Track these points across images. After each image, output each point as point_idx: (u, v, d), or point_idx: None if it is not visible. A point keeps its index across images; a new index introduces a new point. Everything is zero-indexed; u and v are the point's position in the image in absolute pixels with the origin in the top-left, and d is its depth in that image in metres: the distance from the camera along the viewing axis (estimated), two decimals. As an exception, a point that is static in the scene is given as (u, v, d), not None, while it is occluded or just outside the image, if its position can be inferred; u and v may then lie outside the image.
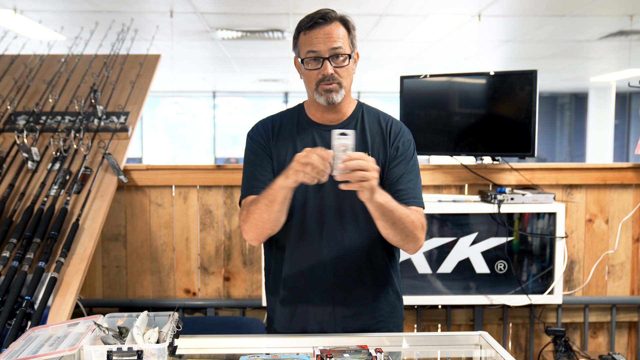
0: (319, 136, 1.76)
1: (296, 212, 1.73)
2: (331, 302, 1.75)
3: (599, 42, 6.81)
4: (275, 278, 1.82)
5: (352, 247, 1.74)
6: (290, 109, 1.87)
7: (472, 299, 2.71)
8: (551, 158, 13.22)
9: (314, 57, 1.66)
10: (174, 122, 13.80)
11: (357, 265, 1.75)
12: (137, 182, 2.83)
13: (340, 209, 1.73)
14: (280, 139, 1.78)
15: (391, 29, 6.13)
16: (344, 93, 1.70)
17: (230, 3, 5.16)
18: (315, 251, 1.74)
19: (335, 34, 1.65)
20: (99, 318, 1.52)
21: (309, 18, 1.67)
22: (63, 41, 5.87)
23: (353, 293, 1.76)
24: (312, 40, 1.65)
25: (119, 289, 2.92)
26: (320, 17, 1.65)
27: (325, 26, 1.65)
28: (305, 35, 1.67)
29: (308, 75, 1.69)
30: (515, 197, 2.66)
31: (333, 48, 1.64)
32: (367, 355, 1.49)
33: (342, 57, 1.66)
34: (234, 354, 1.52)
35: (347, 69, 1.68)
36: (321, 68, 1.65)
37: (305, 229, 1.74)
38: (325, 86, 1.67)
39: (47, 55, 3.16)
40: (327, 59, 1.64)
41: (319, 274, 1.74)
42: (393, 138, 1.78)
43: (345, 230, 1.73)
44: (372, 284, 1.78)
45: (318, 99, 1.70)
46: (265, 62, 8.65)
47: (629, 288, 2.95)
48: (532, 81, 2.67)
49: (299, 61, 1.71)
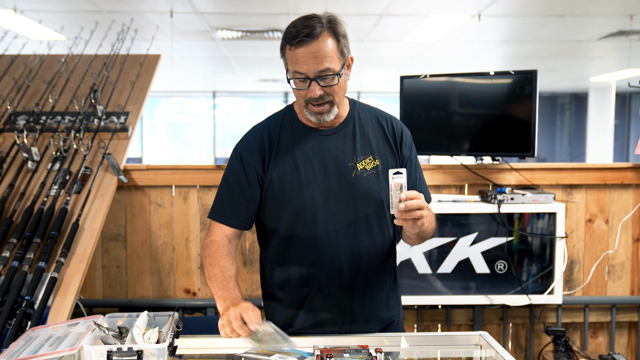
0: (318, 143, 1.70)
1: (305, 225, 1.68)
2: (348, 309, 1.73)
3: (599, 42, 6.81)
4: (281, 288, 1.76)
5: (367, 254, 1.71)
6: (279, 113, 1.77)
7: (472, 299, 2.71)
8: (551, 158, 13.21)
9: (301, 79, 1.58)
10: (174, 122, 13.80)
11: (373, 270, 1.74)
12: (137, 182, 2.83)
13: (353, 219, 1.69)
14: (279, 153, 1.69)
15: (391, 29, 6.13)
16: (337, 110, 1.64)
17: (230, 3, 5.16)
18: (331, 262, 1.69)
19: (322, 53, 1.54)
20: (99, 318, 1.52)
21: (296, 31, 1.55)
22: (63, 41, 5.87)
23: (369, 298, 1.75)
24: (298, 60, 1.55)
25: (119, 289, 2.92)
26: (306, 34, 1.53)
27: (311, 43, 1.54)
28: (292, 52, 1.57)
29: (296, 93, 1.63)
30: (515, 197, 2.66)
31: (320, 71, 1.55)
32: (367, 355, 1.49)
33: (331, 77, 1.57)
34: (233, 354, 1.52)
35: (337, 85, 1.60)
36: (309, 89, 1.58)
37: (318, 242, 1.68)
38: (315, 108, 1.61)
39: (47, 55, 3.16)
40: (314, 79, 1.56)
41: (336, 283, 1.71)
42: (399, 140, 1.76)
43: (359, 238, 1.70)
44: (385, 287, 1.78)
45: (309, 117, 1.64)
46: (265, 62, 8.65)
47: (629, 288, 2.95)
48: (532, 81, 2.67)
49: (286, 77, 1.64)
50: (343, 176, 1.68)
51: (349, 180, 1.68)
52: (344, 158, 1.69)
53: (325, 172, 1.68)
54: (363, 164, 1.69)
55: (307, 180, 1.67)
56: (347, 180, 1.68)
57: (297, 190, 1.67)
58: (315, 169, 1.68)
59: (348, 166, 1.69)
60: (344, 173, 1.68)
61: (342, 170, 1.68)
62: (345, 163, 1.69)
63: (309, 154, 1.68)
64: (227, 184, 1.74)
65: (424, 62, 8.45)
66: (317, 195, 1.67)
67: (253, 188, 1.70)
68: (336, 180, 1.68)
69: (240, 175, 1.71)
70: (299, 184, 1.67)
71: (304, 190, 1.66)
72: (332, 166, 1.68)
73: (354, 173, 1.68)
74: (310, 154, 1.68)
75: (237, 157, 1.73)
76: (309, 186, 1.67)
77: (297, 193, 1.67)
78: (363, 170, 1.69)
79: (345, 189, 1.68)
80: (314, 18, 1.57)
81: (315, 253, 1.69)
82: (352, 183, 1.68)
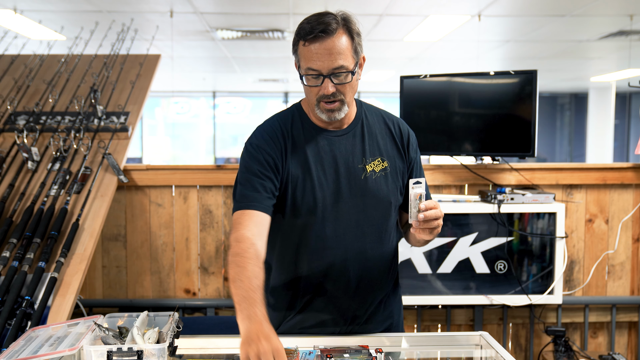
0: (328, 144, 1.68)
1: (314, 226, 1.67)
2: (351, 310, 1.73)
3: (599, 42, 6.81)
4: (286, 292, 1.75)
5: (374, 256, 1.71)
6: (288, 111, 1.75)
7: (472, 299, 2.71)
8: (551, 158, 13.21)
9: (314, 75, 1.56)
10: (174, 122, 13.79)
11: (379, 273, 1.74)
12: (137, 182, 2.83)
13: (361, 221, 1.68)
14: (294, 151, 1.67)
15: (391, 29, 6.13)
16: (347, 109, 1.63)
17: (230, 3, 5.16)
18: (338, 264, 1.69)
19: (337, 49, 1.53)
20: (99, 318, 1.52)
21: (310, 27, 1.53)
22: (63, 41, 5.87)
23: (373, 300, 1.75)
24: (312, 56, 1.54)
25: (119, 289, 2.92)
26: (322, 30, 1.52)
27: (326, 40, 1.52)
28: (305, 48, 1.55)
29: (308, 90, 1.61)
30: (515, 197, 2.66)
31: (334, 68, 1.54)
32: (367, 355, 1.49)
33: (345, 74, 1.56)
34: (233, 354, 1.52)
35: (349, 84, 1.58)
36: (322, 86, 1.56)
37: (325, 243, 1.67)
38: (327, 105, 1.60)
39: (47, 55, 3.16)
40: (327, 76, 1.55)
41: (342, 285, 1.70)
42: (406, 142, 1.75)
43: (367, 240, 1.69)
44: (388, 289, 1.79)
45: (320, 115, 1.63)
46: (265, 62, 8.65)
47: (629, 288, 2.95)
48: (532, 81, 2.67)
49: (299, 74, 1.62)
50: (353, 178, 1.67)
51: (359, 182, 1.67)
52: (353, 160, 1.68)
53: (336, 173, 1.67)
54: (372, 166, 1.69)
55: (318, 181, 1.66)
56: (356, 182, 1.67)
57: (309, 190, 1.65)
58: (326, 170, 1.67)
59: (358, 168, 1.68)
60: (354, 175, 1.67)
61: (352, 172, 1.67)
62: (355, 165, 1.68)
63: (320, 155, 1.67)
64: (248, 173, 1.63)
65: (424, 62, 8.45)
66: (328, 196, 1.66)
67: (274, 173, 1.64)
68: (346, 181, 1.67)
69: (261, 163, 1.63)
70: (311, 185, 1.66)
71: (316, 191, 1.65)
72: (343, 168, 1.67)
73: (364, 175, 1.68)
74: (322, 154, 1.67)
75: (253, 148, 1.66)
76: (320, 187, 1.66)
77: (309, 193, 1.65)
78: (372, 172, 1.69)
79: (354, 190, 1.67)
80: (329, 15, 1.56)
81: (322, 254, 1.68)
82: (362, 185, 1.67)
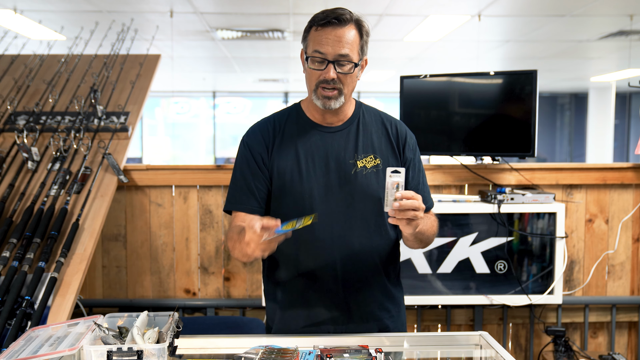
0: (321, 139, 1.72)
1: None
2: (343, 306, 1.73)
3: (599, 42, 6.81)
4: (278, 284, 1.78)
5: (363, 251, 1.72)
6: (286, 109, 1.81)
7: (472, 299, 2.71)
8: (551, 158, 13.21)
9: (319, 59, 1.62)
10: (174, 122, 13.79)
11: (369, 268, 1.74)
12: (137, 182, 2.83)
13: (350, 215, 1.70)
14: (282, 144, 1.72)
15: (391, 29, 6.13)
16: (343, 100, 1.67)
17: (230, 3, 5.16)
18: (325, 257, 1.70)
19: (345, 39, 1.60)
20: (99, 318, 1.52)
21: (324, 15, 1.61)
22: (63, 41, 5.87)
23: (364, 297, 1.75)
24: (322, 40, 1.60)
25: (119, 289, 2.92)
26: (335, 17, 1.59)
27: (337, 28, 1.60)
28: (316, 32, 1.62)
29: (310, 73, 1.66)
30: (515, 197, 2.66)
31: (340, 54, 1.60)
32: (367, 355, 1.49)
33: (348, 65, 1.62)
34: (233, 354, 1.52)
35: (350, 76, 1.64)
36: (324, 70, 1.62)
37: (314, 235, 1.69)
38: (325, 92, 1.64)
39: (47, 55, 3.16)
40: (332, 62, 1.61)
41: (330, 279, 1.71)
42: (402, 142, 1.77)
43: (355, 234, 1.71)
44: (384, 287, 1.78)
45: (315, 101, 1.67)
46: (265, 62, 8.65)
47: (629, 288, 2.95)
48: (532, 81, 2.67)
49: (304, 56, 1.67)
50: (343, 172, 1.70)
51: (348, 177, 1.69)
52: (345, 155, 1.71)
53: (326, 167, 1.70)
54: (363, 162, 1.71)
55: (307, 173, 1.69)
56: (346, 176, 1.69)
57: (297, 182, 1.69)
58: (316, 163, 1.70)
59: (348, 163, 1.70)
60: (344, 169, 1.70)
61: (342, 166, 1.70)
62: (346, 160, 1.71)
63: (311, 148, 1.71)
64: (239, 173, 1.75)
65: (424, 62, 8.45)
66: (316, 189, 1.68)
67: (264, 173, 1.73)
68: (336, 176, 1.69)
69: (250, 162, 1.73)
70: (299, 177, 1.69)
71: (304, 183, 1.69)
72: (333, 162, 1.70)
73: (354, 170, 1.70)
74: (313, 148, 1.71)
75: (245, 147, 1.76)
76: (308, 179, 1.69)
77: (297, 185, 1.69)
78: (363, 168, 1.71)
79: (344, 185, 1.69)
80: (344, 9, 1.65)
81: (310, 246, 1.70)
82: (351, 180, 1.69)
